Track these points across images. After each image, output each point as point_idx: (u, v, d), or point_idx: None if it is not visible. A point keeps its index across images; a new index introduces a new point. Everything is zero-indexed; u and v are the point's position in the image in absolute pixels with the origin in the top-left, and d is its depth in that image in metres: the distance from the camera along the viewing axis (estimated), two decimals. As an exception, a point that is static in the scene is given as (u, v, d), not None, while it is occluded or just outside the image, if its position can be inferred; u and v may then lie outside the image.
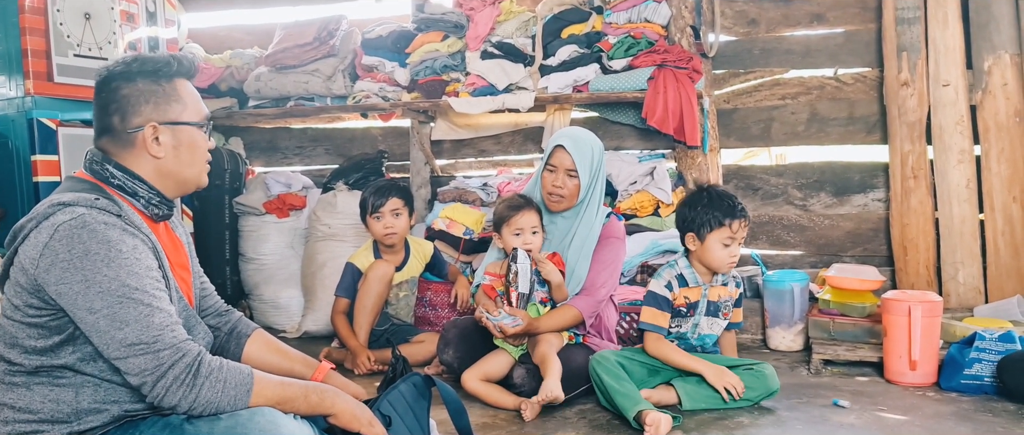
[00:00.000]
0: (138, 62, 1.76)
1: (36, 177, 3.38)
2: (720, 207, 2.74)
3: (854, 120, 3.99)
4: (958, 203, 3.68)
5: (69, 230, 1.54)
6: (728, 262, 2.77)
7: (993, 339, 2.85)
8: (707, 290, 2.83)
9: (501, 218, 2.94)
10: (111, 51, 3.66)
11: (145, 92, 1.74)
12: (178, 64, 1.79)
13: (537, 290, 2.89)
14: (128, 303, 1.54)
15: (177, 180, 1.80)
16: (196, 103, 1.82)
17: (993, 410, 2.66)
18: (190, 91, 1.82)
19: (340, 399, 1.74)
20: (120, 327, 1.53)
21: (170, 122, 1.76)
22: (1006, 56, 3.60)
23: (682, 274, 2.83)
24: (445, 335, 3.01)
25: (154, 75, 1.76)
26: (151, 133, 1.73)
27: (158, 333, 1.54)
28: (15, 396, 1.63)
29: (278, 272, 4.39)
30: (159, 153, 1.74)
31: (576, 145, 2.93)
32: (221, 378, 1.58)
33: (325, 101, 4.44)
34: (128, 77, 1.74)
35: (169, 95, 1.77)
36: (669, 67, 3.72)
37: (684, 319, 2.84)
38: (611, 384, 2.61)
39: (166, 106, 1.76)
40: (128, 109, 1.73)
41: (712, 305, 2.85)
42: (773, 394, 2.74)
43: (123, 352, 1.53)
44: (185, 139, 1.78)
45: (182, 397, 1.54)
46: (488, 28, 4.14)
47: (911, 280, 3.76)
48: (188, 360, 1.55)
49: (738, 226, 2.74)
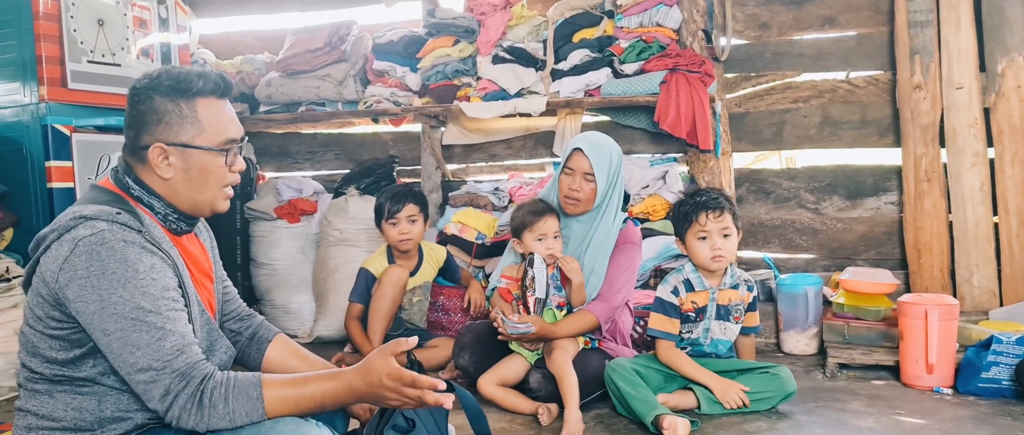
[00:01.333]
0: (162, 77, 1.70)
1: (50, 183, 3.39)
2: (690, 204, 2.75)
3: (867, 123, 3.98)
4: (972, 206, 3.67)
5: (89, 246, 1.53)
6: (711, 257, 2.72)
7: (1010, 342, 2.84)
8: (715, 293, 2.81)
9: (523, 224, 2.93)
10: (124, 57, 3.67)
11: (160, 111, 1.68)
12: (203, 82, 1.70)
13: (554, 294, 2.88)
14: (141, 326, 1.53)
15: (189, 202, 1.74)
16: (217, 126, 1.71)
17: (1012, 414, 2.65)
18: (213, 112, 1.72)
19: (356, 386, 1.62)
20: (132, 351, 1.52)
21: (180, 144, 1.69)
22: (1019, 58, 3.59)
23: (689, 279, 2.81)
24: (461, 339, 3.01)
25: (172, 93, 1.68)
26: (158, 154, 1.68)
27: (168, 359, 1.53)
28: (37, 403, 1.63)
29: (289, 277, 4.39)
30: (167, 174, 1.69)
31: (594, 149, 2.93)
32: (228, 409, 1.54)
33: (336, 106, 4.44)
34: (147, 93, 1.69)
35: (185, 116, 1.69)
36: (681, 71, 3.71)
37: (694, 324, 2.82)
38: (627, 391, 2.60)
39: (179, 127, 1.68)
40: (141, 126, 1.69)
41: (722, 309, 2.83)
42: (790, 396, 2.73)
43: (134, 377, 1.53)
44: (195, 163, 1.70)
45: (196, 422, 1.53)
46: (499, 33, 4.15)
47: (925, 283, 3.75)
48: (191, 389, 1.53)
49: (707, 218, 2.71)
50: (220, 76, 1.74)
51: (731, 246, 2.75)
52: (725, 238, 2.73)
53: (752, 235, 4.16)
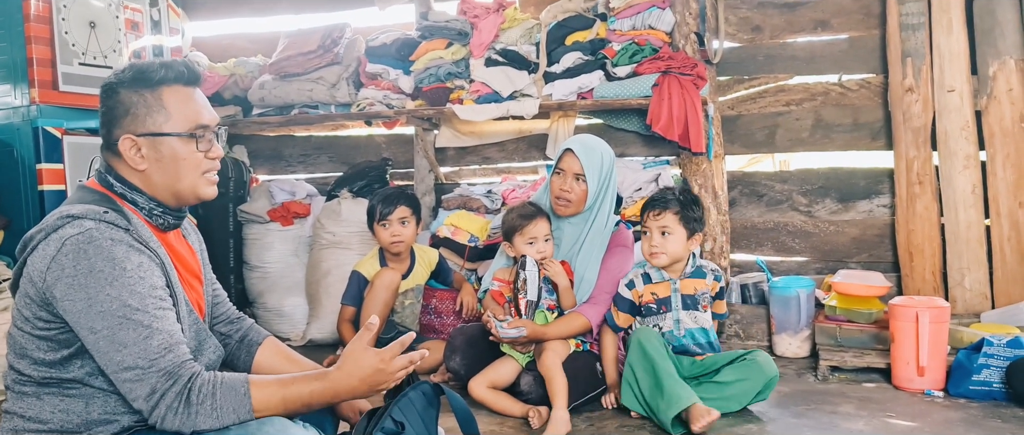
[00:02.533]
0: (126, 71, 1.72)
1: (41, 185, 3.38)
2: (645, 206, 2.91)
3: (859, 126, 3.98)
4: (964, 209, 3.67)
5: (76, 245, 1.54)
6: (649, 253, 2.85)
7: (1001, 345, 2.85)
8: (677, 284, 2.86)
9: (513, 227, 2.94)
10: (116, 59, 3.66)
11: (126, 103, 1.69)
12: (167, 70, 1.71)
13: (545, 297, 2.89)
14: (127, 325, 1.53)
15: (170, 192, 1.73)
16: (185, 112, 1.72)
17: (1002, 416, 2.66)
18: (179, 99, 1.72)
19: (343, 383, 1.67)
20: (118, 349, 1.52)
21: (148, 134, 1.69)
22: (1011, 61, 3.60)
23: (648, 272, 2.89)
24: (452, 342, 3.01)
25: (135, 84, 1.69)
26: (129, 145, 1.68)
27: (154, 358, 1.53)
28: (25, 405, 1.63)
29: (282, 280, 4.39)
30: (141, 165, 1.70)
31: (585, 150, 2.94)
32: (215, 405, 1.55)
33: (329, 109, 4.44)
34: (113, 88, 1.70)
35: (150, 105, 1.69)
36: (674, 74, 3.71)
37: (660, 317, 2.86)
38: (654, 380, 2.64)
39: (146, 116, 1.69)
40: (112, 121, 1.70)
41: (688, 299, 2.86)
42: (773, 381, 2.73)
43: (120, 376, 1.53)
44: (166, 151, 1.71)
45: (181, 423, 1.53)
46: (492, 35, 4.14)
47: (917, 286, 3.75)
48: (178, 388, 1.53)
49: (647, 216, 2.86)
50: (184, 64, 1.75)
51: (671, 243, 2.83)
52: (663, 236, 2.82)
53: (745, 238, 4.17)
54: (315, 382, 1.65)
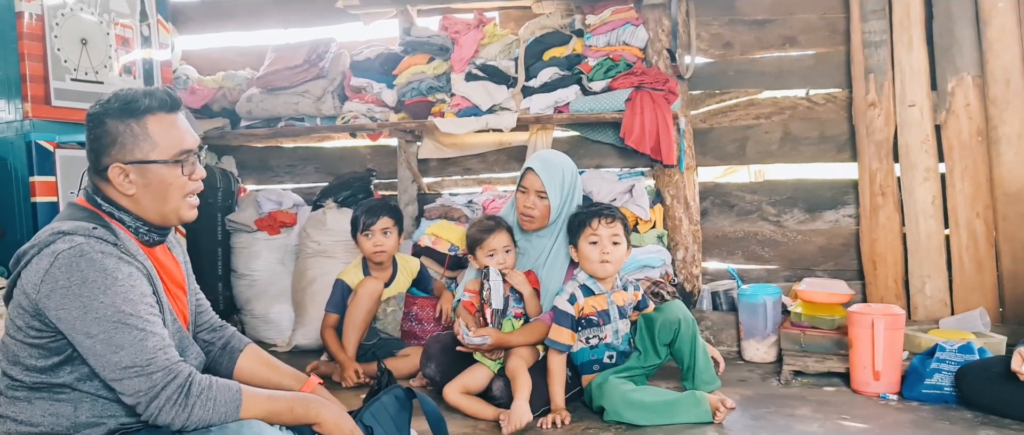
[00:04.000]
0: (112, 100, 1.80)
1: (34, 197, 3.47)
2: (585, 213, 2.94)
3: (825, 139, 4.13)
4: (924, 219, 3.82)
5: (68, 259, 1.64)
6: (600, 260, 2.87)
7: (953, 350, 2.97)
8: (611, 296, 2.96)
9: (474, 241, 3.09)
10: (107, 75, 3.77)
11: (113, 133, 1.78)
12: (150, 99, 1.80)
13: (513, 306, 3.02)
14: (123, 328, 1.63)
15: (156, 213, 1.85)
16: (169, 139, 1.82)
17: (950, 418, 2.79)
18: (163, 127, 1.82)
19: (325, 409, 1.85)
20: (116, 351, 1.63)
21: (136, 162, 1.79)
22: (968, 78, 3.75)
23: (586, 284, 2.95)
24: (428, 350, 3.14)
25: (122, 114, 1.78)
26: (118, 173, 1.79)
27: (152, 356, 1.64)
28: (17, 409, 1.73)
29: (269, 288, 4.49)
30: (130, 191, 1.80)
31: (545, 167, 3.09)
32: (211, 396, 1.68)
33: (315, 121, 4.56)
34: (99, 118, 1.79)
35: (137, 135, 1.79)
36: (646, 89, 3.86)
37: (601, 328, 2.95)
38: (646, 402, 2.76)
39: (133, 146, 1.79)
40: (99, 150, 1.80)
41: (621, 309, 2.98)
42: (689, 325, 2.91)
43: (119, 375, 1.64)
44: (154, 177, 1.81)
45: (175, 416, 1.64)
46: (472, 51, 4.28)
47: (880, 294, 3.89)
48: (180, 381, 1.65)
49: (599, 224, 2.88)
50: (166, 92, 1.85)
51: (619, 253, 2.91)
52: (614, 245, 2.89)
53: (717, 246, 4.30)
54: (299, 407, 1.82)
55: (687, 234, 4.05)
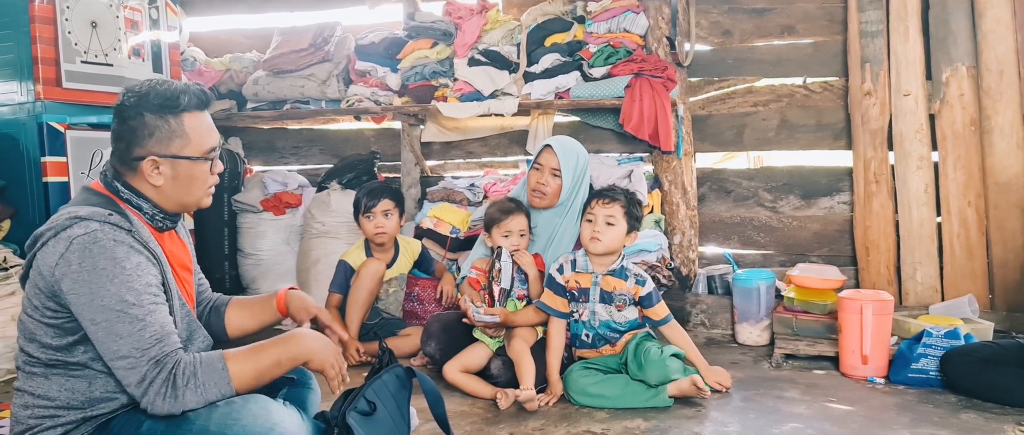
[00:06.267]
0: (151, 95, 1.86)
1: (45, 177, 3.57)
2: (593, 192, 3.04)
3: (822, 127, 4.19)
4: (917, 207, 3.89)
5: (82, 244, 1.71)
6: (590, 237, 2.95)
7: (939, 335, 3.05)
8: (599, 279, 3.00)
9: (492, 220, 3.18)
10: (116, 57, 3.85)
11: (150, 126, 1.85)
12: (189, 97, 1.87)
13: (517, 287, 3.11)
14: (124, 318, 1.70)
15: (177, 204, 1.93)
16: (201, 136, 1.90)
17: (934, 402, 2.87)
18: (196, 125, 1.90)
19: (304, 345, 1.91)
20: (115, 339, 1.70)
21: (170, 156, 1.87)
22: (963, 68, 3.80)
23: (576, 260, 3.03)
24: (428, 329, 3.23)
25: (161, 109, 1.85)
26: (151, 166, 1.86)
27: (145, 348, 1.71)
28: (34, 384, 1.80)
29: (274, 267, 4.58)
30: (158, 182, 1.88)
31: (563, 148, 3.20)
32: (199, 381, 1.73)
33: (320, 104, 4.63)
34: (137, 110, 1.85)
35: (173, 130, 1.86)
36: (645, 76, 3.92)
37: (580, 305, 3.01)
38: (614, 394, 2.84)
39: (169, 141, 1.86)
40: (133, 140, 1.86)
41: (605, 294, 2.99)
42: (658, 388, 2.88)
43: (116, 363, 1.71)
44: (183, 172, 1.89)
45: (170, 405, 1.71)
46: (475, 36, 4.34)
47: (873, 279, 3.97)
48: (164, 375, 1.71)
49: (596, 204, 2.97)
50: (201, 90, 1.93)
51: (612, 234, 2.95)
52: (608, 225, 2.95)
53: (713, 232, 4.38)
54: (284, 353, 1.87)
55: (684, 219, 4.12)
